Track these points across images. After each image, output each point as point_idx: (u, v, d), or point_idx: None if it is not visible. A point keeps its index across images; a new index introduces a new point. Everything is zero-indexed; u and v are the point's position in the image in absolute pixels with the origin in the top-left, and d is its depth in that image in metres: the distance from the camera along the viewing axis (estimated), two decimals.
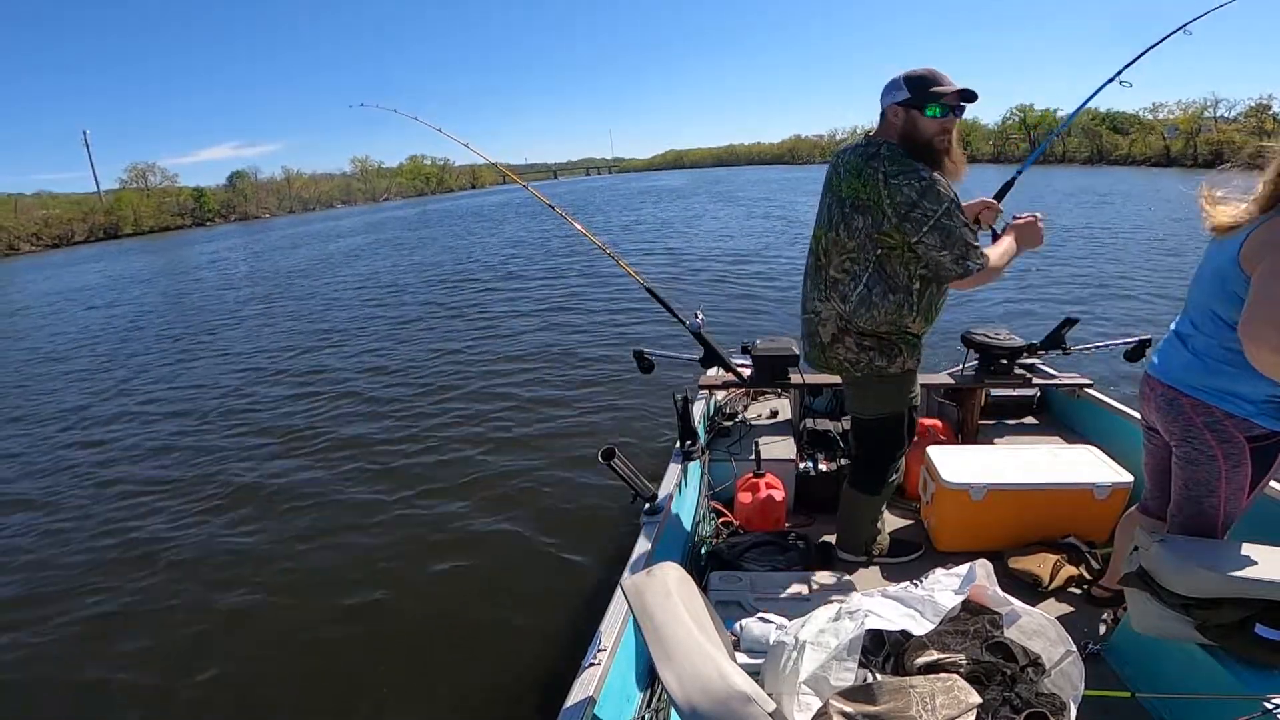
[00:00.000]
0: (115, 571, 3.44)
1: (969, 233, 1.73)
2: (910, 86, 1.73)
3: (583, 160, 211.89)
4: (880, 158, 1.73)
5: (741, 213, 21.54)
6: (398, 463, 4.40)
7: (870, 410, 2.06)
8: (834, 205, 1.85)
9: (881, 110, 1.81)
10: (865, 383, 1.98)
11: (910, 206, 1.68)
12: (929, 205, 1.68)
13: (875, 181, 1.72)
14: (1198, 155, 38.66)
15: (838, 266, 1.85)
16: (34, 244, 44.54)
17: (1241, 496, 1.54)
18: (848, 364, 1.93)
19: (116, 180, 59.70)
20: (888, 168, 1.71)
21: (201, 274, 18.23)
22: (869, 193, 1.73)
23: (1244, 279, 1.34)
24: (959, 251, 1.71)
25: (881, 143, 1.77)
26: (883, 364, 1.90)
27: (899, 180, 1.69)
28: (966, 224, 1.73)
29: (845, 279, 1.84)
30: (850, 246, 1.81)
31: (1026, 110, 57.63)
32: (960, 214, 1.72)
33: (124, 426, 5.73)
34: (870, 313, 1.82)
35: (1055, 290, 8.12)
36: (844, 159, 1.84)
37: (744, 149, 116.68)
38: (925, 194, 1.67)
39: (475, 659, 2.61)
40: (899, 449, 2.10)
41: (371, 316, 9.54)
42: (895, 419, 2.04)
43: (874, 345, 1.88)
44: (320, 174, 76.47)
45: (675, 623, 1.20)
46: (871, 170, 1.73)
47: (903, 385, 1.99)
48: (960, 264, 1.72)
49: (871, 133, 1.88)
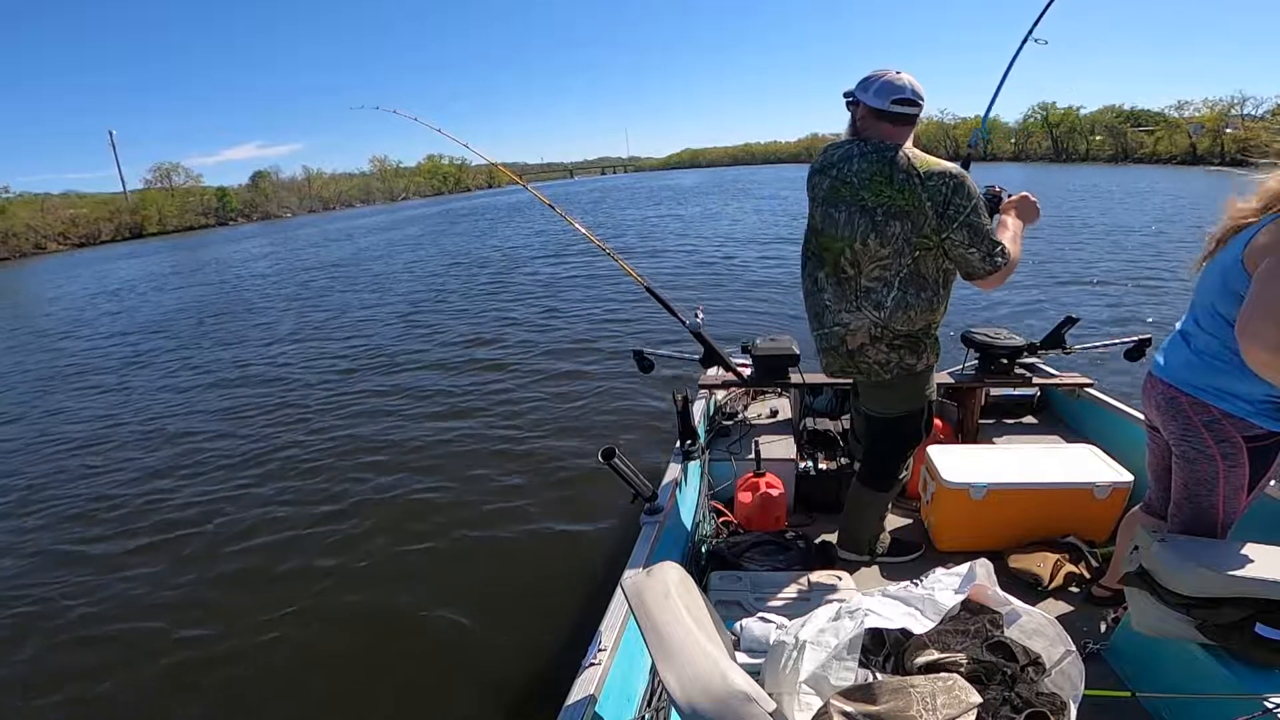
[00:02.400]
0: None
1: (994, 230, 1.75)
2: (915, 94, 1.78)
3: (598, 159, 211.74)
4: (908, 160, 1.74)
5: (750, 207, 21.71)
6: (396, 462, 4.40)
7: (894, 408, 2.06)
8: (858, 215, 1.81)
9: (913, 114, 1.80)
10: (892, 383, 1.98)
11: (946, 204, 1.70)
12: (960, 201, 1.69)
13: (912, 186, 1.72)
14: (1224, 153, 38.47)
15: (869, 275, 1.84)
16: (61, 243, 44.87)
17: (1240, 496, 1.54)
18: (878, 365, 1.93)
19: (141, 180, 60.54)
20: (922, 170, 1.72)
21: (258, 265, 18.45)
22: (908, 197, 1.72)
23: (1246, 277, 1.33)
24: (987, 248, 1.72)
25: (897, 147, 1.77)
26: (912, 362, 1.92)
27: (934, 180, 1.70)
28: (990, 222, 1.76)
29: (879, 286, 1.83)
30: (885, 254, 1.80)
31: (1049, 108, 56.91)
32: (985, 211, 1.74)
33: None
34: (907, 314, 1.83)
35: (1054, 290, 8.13)
36: (852, 168, 1.82)
37: (760, 148, 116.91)
38: (957, 190, 1.70)
39: (475, 658, 2.61)
40: (916, 444, 2.13)
41: (368, 317, 9.54)
42: (917, 414, 2.06)
43: (904, 344, 1.89)
44: (340, 173, 77.20)
45: (675, 623, 1.20)
46: (905, 176, 1.73)
47: (927, 381, 2.03)
48: (989, 260, 1.73)
49: (864, 136, 1.84)
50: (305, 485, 4.21)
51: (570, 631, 2.63)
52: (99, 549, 3.68)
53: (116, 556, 3.58)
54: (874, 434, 2.17)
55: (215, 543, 3.62)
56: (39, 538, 3.87)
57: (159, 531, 3.80)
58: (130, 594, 3.24)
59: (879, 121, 1.81)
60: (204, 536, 3.70)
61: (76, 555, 3.64)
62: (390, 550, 3.39)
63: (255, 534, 3.67)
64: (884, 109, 1.78)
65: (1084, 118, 54.40)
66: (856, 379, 2.07)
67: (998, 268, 1.74)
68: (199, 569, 3.39)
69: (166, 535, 3.75)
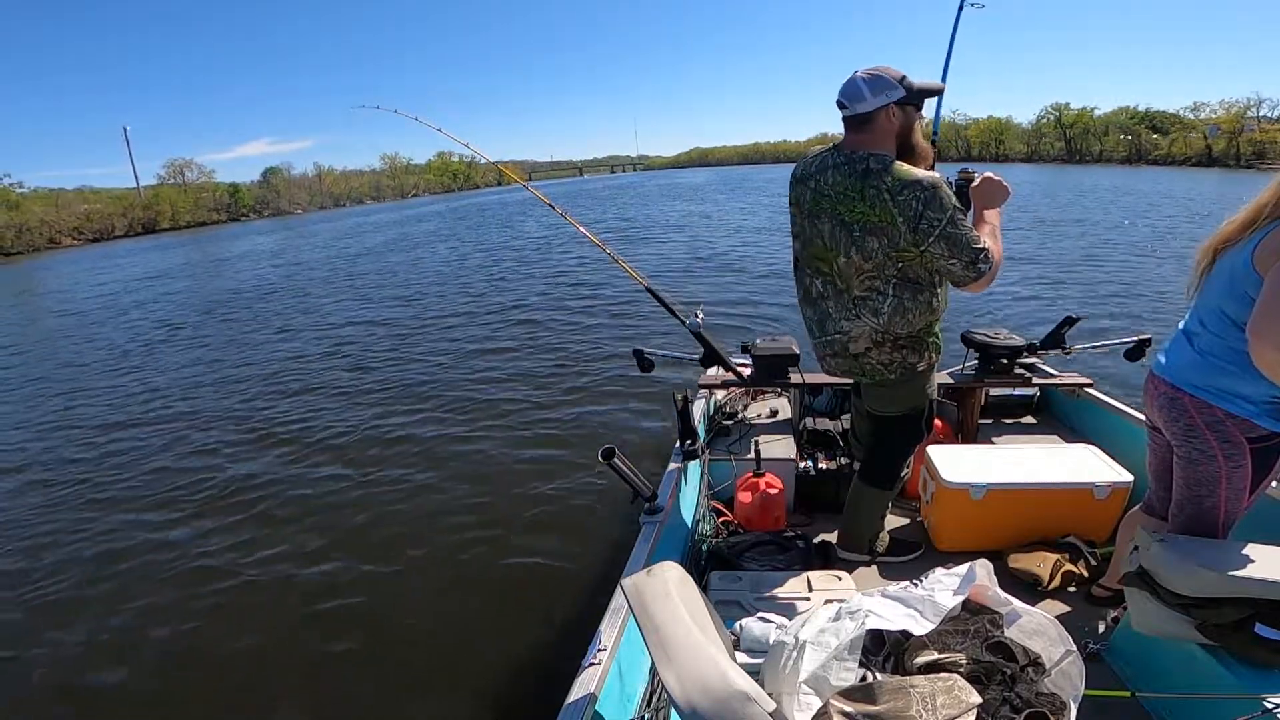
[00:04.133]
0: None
1: (974, 234, 1.71)
2: (904, 85, 1.71)
3: (608, 158, 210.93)
4: (875, 173, 1.69)
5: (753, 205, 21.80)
6: (394, 462, 4.39)
7: (896, 407, 2.06)
8: (837, 230, 1.79)
9: (864, 113, 1.73)
10: (896, 382, 1.98)
11: (918, 218, 1.67)
12: (933, 215, 1.66)
13: (883, 201, 1.68)
14: (1240, 155, 38.16)
15: (861, 286, 1.83)
16: (75, 238, 45.13)
17: (1242, 497, 1.54)
18: (882, 366, 1.93)
19: (155, 176, 61.36)
20: (890, 183, 1.67)
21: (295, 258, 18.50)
22: (880, 214, 1.70)
23: (1257, 279, 1.33)
24: (968, 257, 1.69)
25: (868, 156, 1.72)
26: (915, 361, 1.92)
27: (905, 195, 1.66)
28: (970, 226, 1.72)
29: (873, 295, 1.82)
30: (868, 268, 1.79)
31: (1062, 109, 56.65)
32: (963, 219, 1.70)
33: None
34: (906, 318, 1.83)
35: (1054, 291, 8.13)
36: (828, 181, 1.78)
37: (769, 146, 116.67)
38: (929, 204, 1.65)
39: (475, 658, 2.61)
40: (917, 442, 2.14)
41: (363, 318, 9.54)
42: (919, 413, 2.07)
43: (907, 345, 1.90)
44: (350, 170, 78.10)
45: (675, 622, 1.20)
46: (875, 190, 1.69)
47: (928, 380, 2.03)
48: (972, 268, 1.70)
49: (839, 143, 1.82)
50: (305, 486, 4.21)
51: (570, 631, 2.63)
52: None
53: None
54: (876, 432, 2.17)
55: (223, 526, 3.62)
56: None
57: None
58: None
59: (846, 129, 1.80)
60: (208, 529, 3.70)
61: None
62: (389, 549, 3.39)
63: (256, 527, 3.68)
64: (869, 110, 1.73)
65: (1098, 119, 54.26)
66: (859, 379, 2.07)
67: (981, 274, 1.71)
68: (200, 566, 3.39)
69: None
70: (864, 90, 1.71)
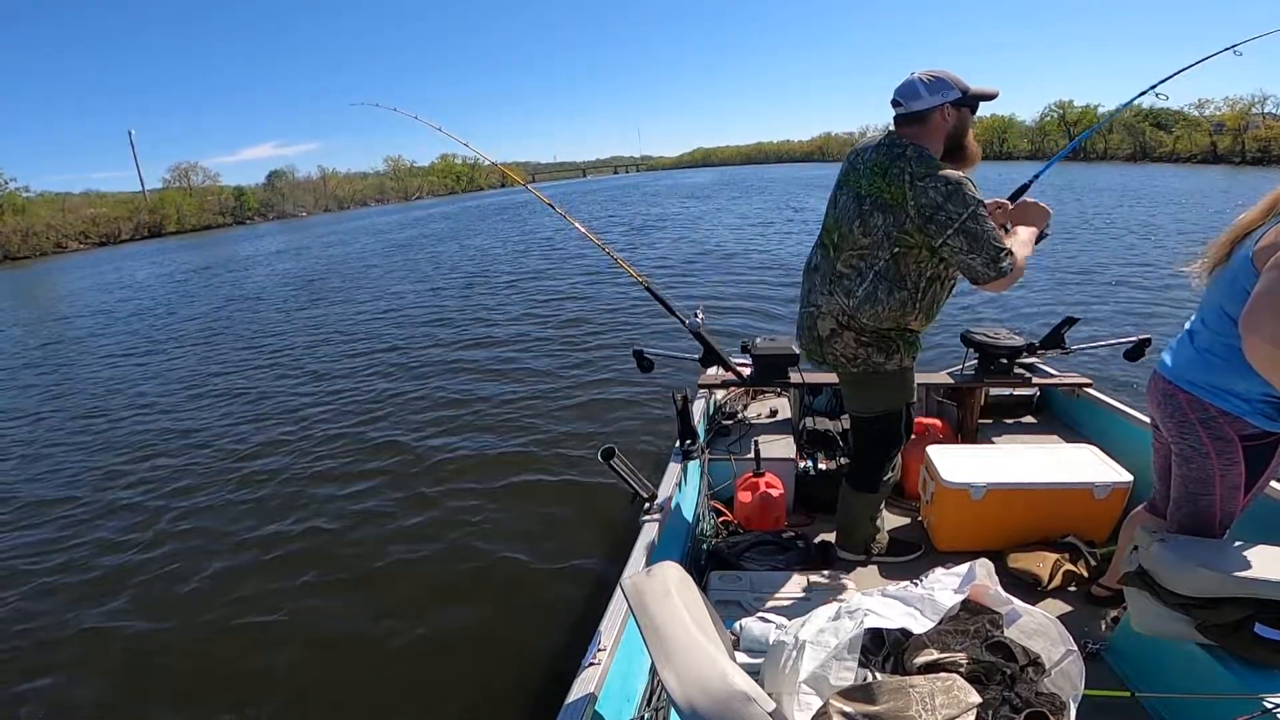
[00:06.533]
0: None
1: (998, 234, 1.70)
2: (960, 88, 1.75)
3: (611, 158, 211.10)
4: (906, 158, 1.72)
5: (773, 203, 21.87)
6: (393, 462, 4.39)
7: (867, 408, 2.06)
8: (851, 201, 1.83)
9: (918, 110, 1.77)
10: (862, 379, 1.98)
11: (935, 209, 1.67)
12: (954, 209, 1.66)
13: (901, 182, 1.70)
14: (1245, 152, 37.94)
15: (845, 262, 1.84)
16: (81, 242, 45.13)
17: (1238, 495, 1.54)
18: (844, 359, 1.93)
19: (160, 179, 61.44)
20: (915, 169, 1.69)
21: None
22: (894, 192, 1.72)
23: (1255, 275, 1.33)
24: (989, 254, 1.68)
25: (908, 144, 1.75)
26: (880, 360, 1.90)
27: (925, 183, 1.68)
28: (994, 225, 1.71)
29: (851, 274, 1.84)
30: (864, 243, 1.80)
31: (1066, 106, 56.61)
32: (986, 217, 1.70)
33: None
34: (874, 309, 1.82)
35: (1054, 290, 8.12)
36: (865, 157, 1.83)
37: (773, 147, 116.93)
38: (950, 197, 1.66)
39: (475, 658, 2.60)
40: (895, 447, 2.11)
41: (361, 318, 9.54)
42: (892, 416, 2.05)
43: (872, 341, 1.88)
44: (354, 173, 78.33)
45: (675, 622, 1.20)
46: (898, 170, 1.71)
47: (900, 382, 2.00)
48: (993, 266, 1.68)
49: (892, 130, 1.85)
50: (306, 483, 4.21)
51: (570, 631, 2.63)
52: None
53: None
54: (855, 433, 2.19)
55: (221, 536, 3.63)
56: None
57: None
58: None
59: (897, 125, 1.83)
60: (203, 534, 3.71)
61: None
62: (388, 549, 3.38)
63: (256, 523, 3.68)
64: (925, 108, 1.77)
65: (1102, 116, 54.06)
66: (823, 368, 2.07)
67: (1004, 274, 1.69)
68: (198, 568, 3.39)
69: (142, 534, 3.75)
70: (921, 90, 1.75)
